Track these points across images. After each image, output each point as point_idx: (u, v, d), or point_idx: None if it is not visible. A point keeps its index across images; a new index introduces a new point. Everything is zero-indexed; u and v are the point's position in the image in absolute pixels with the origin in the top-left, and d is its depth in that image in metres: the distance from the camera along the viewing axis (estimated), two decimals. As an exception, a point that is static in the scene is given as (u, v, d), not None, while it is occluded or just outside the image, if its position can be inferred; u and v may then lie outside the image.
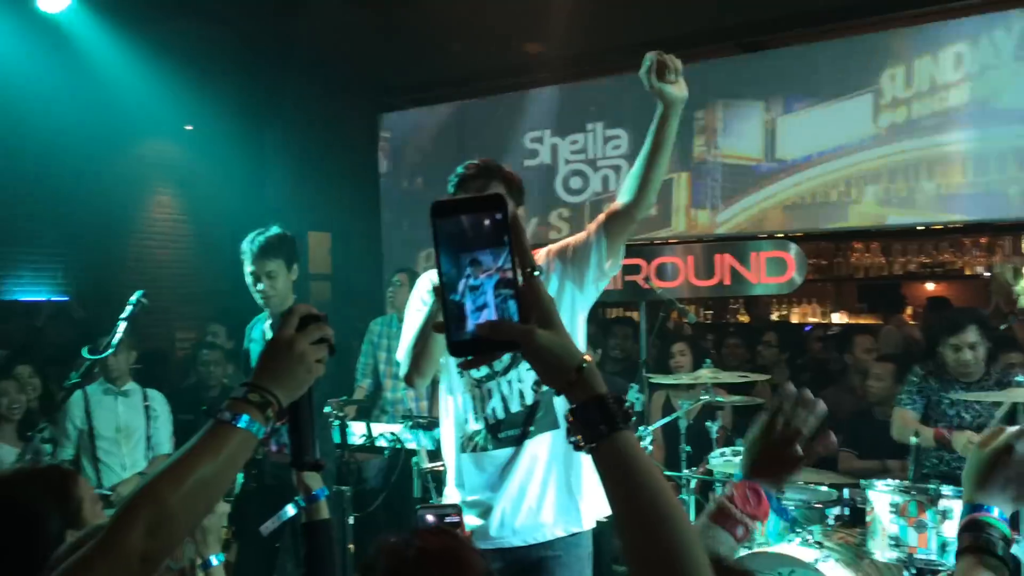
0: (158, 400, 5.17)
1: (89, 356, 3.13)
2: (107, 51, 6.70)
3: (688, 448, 4.59)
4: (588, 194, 7.19)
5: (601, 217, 2.51)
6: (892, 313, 7.78)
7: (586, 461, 2.57)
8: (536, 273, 1.04)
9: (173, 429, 5.31)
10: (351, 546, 4.28)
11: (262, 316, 4.08)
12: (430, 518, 2.02)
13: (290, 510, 2.01)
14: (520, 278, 1.02)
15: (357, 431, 4.75)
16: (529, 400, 2.51)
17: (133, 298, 3.29)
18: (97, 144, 7.32)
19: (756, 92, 6.54)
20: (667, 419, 4.43)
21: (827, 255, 8.26)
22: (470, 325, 1.02)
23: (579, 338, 2.55)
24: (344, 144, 8.24)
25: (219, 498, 1.28)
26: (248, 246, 3.64)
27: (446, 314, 1.02)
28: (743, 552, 3.78)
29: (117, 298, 7.60)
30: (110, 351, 3.14)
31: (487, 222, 1.02)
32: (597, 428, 1.01)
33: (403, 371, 2.49)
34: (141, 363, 5.27)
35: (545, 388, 2.50)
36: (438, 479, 4.62)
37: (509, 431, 2.51)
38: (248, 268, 3.67)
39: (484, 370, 2.52)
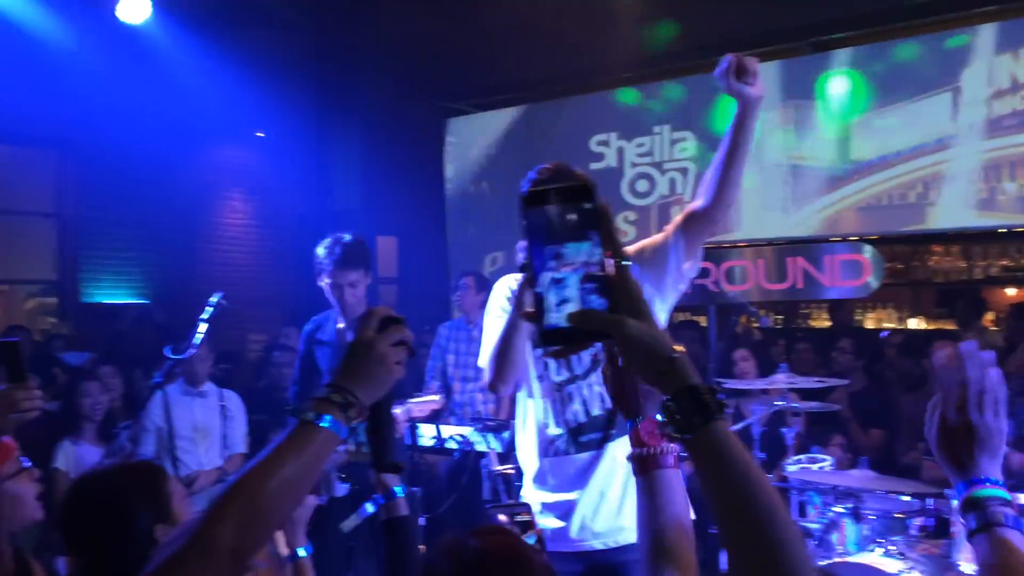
0: (233, 401, 5.27)
1: (172, 356, 3.20)
2: (184, 60, 6.89)
3: (762, 455, 4.52)
4: (655, 197, 7.13)
5: (679, 218, 2.47)
6: (971, 319, 7.54)
7: None
8: (626, 263, 1.02)
9: (248, 429, 5.42)
10: (422, 547, 4.31)
11: (324, 317, 4.07)
12: (502, 517, 2.00)
13: (369, 508, 2.02)
14: (610, 268, 1.01)
15: (426, 433, 4.77)
16: (610, 403, 2.48)
17: (213, 299, 3.36)
18: (173, 150, 7.54)
19: (832, 91, 6.40)
20: (741, 424, 4.35)
21: (903, 258, 8.04)
22: (559, 306, 1.01)
23: None
24: (410, 149, 8.32)
25: (304, 495, 1.31)
26: (327, 257, 3.63)
27: (536, 304, 1.02)
28: (825, 561, 3.70)
29: (191, 301, 7.80)
30: (192, 351, 3.20)
31: (577, 211, 1.01)
32: (691, 419, 0.99)
33: (487, 378, 2.48)
34: (218, 365, 5.38)
35: None
36: (507, 481, 4.61)
37: (590, 435, 2.49)
38: (327, 280, 3.67)
39: (565, 374, 2.51)
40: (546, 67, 7.51)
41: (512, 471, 4.50)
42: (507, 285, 2.61)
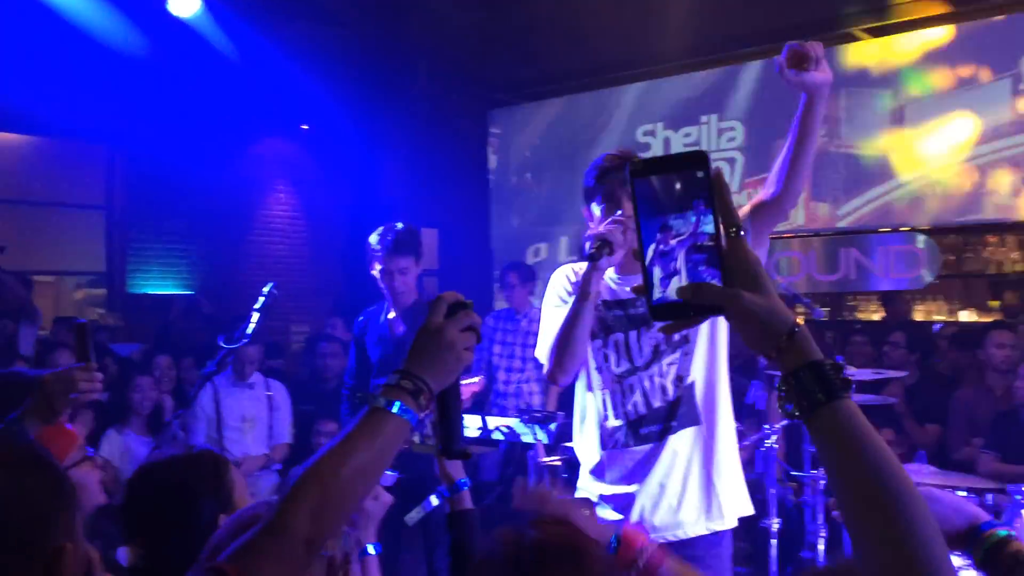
0: (280, 391, 5.31)
1: (226, 345, 3.22)
2: (231, 53, 6.95)
3: (813, 448, 4.44)
4: (702, 188, 7.04)
5: (746, 207, 2.42)
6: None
7: (729, 457, 2.50)
8: (741, 234, 0.98)
9: (293, 420, 5.46)
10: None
11: (375, 309, 4.09)
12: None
13: (434, 500, 2.01)
14: (724, 239, 0.97)
15: (472, 424, 4.77)
16: (671, 395, 2.46)
17: (265, 289, 3.38)
18: (219, 143, 7.61)
19: (883, 78, 6.26)
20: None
21: (954, 249, 7.85)
22: (671, 279, 0.98)
23: (721, 333, 2.47)
24: (454, 141, 8.31)
25: (375, 484, 1.31)
26: (379, 243, 3.69)
27: (647, 275, 0.99)
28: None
29: (237, 292, 7.95)
30: (246, 340, 3.22)
31: (688, 180, 0.97)
32: (814, 396, 0.94)
33: (547, 368, 2.46)
34: (266, 357, 5.43)
35: (688, 382, 2.45)
36: (554, 473, 4.60)
37: (650, 427, 2.46)
38: (378, 266, 3.72)
39: (625, 365, 2.48)
40: (591, 57, 7.44)
41: (559, 463, 4.50)
42: (565, 274, 2.58)
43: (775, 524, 4.00)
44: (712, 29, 6.57)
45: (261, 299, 3.35)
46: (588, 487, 2.55)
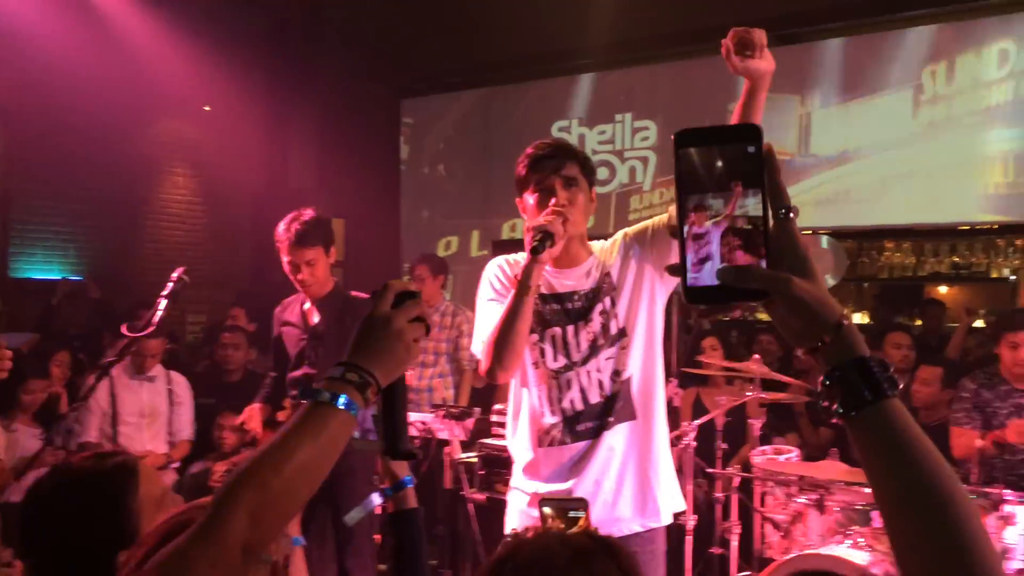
0: (181, 385, 5.06)
1: (129, 334, 3.01)
2: (129, 27, 6.58)
3: (724, 445, 4.50)
4: (615, 185, 7.08)
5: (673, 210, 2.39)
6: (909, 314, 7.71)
7: (663, 453, 2.47)
8: (791, 215, 0.91)
9: (195, 416, 5.20)
10: (377, 537, 4.19)
11: (293, 299, 3.97)
12: (547, 510, 1.88)
13: (376, 499, 1.90)
14: (771, 219, 0.90)
15: (385, 420, 4.64)
16: (608, 391, 2.41)
17: (174, 275, 3.18)
18: (115, 121, 7.21)
19: (792, 85, 6.42)
20: (711, 415, 4.32)
21: (851, 254, 8.14)
22: (711, 259, 0.90)
23: (658, 327, 2.45)
24: (365, 129, 8.11)
25: (319, 483, 1.21)
26: (284, 235, 3.54)
27: (683, 253, 0.92)
28: (792, 555, 3.68)
29: (131, 279, 7.55)
30: (151, 329, 3.01)
31: (736, 155, 0.90)
32: (860, 394, 0.88)
33: (484, 365, 2.37)
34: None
35: (624, 377, 2.41)
36: (470, 470, 4.53)
37: (587, 423, 2.42)
38: (285, 258, 3.58)
39: (562, 360, 2.43)
40: (508, 51, 7.38)
41: (476, 459, 4.42)
42: (499, 266, 2.50)
43: (691, 521, 4.03)
44: (630, 28, 6.60)
45: (170, 285, 3.14)
46: (522, 486, 2.48)
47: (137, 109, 7.37)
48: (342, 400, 1.18)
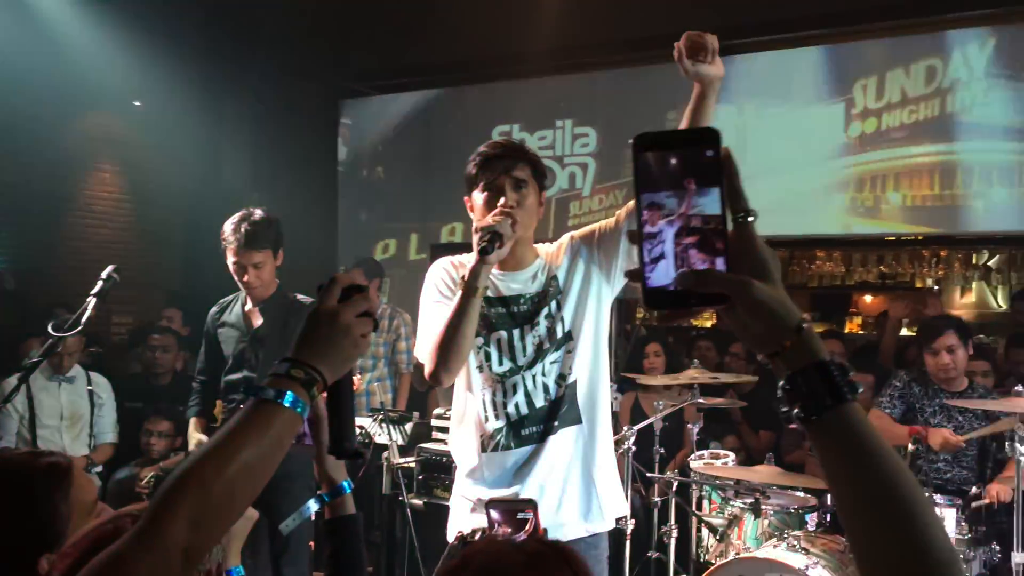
0: (103, 386, 4.89)
1: (55, 333, 2.88)
2: (60, 19, 6.34)
3: (662, 450, 4.53)
4: (554, 191, 7.09)
5: (631, 203, 2.39)
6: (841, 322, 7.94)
7: (608, 457, 2.46)
8: (750, 219, 0.91)
9: (117, 417, 5.03)
10: (311, 543, 4.10)
11: (231, 299, 3.87)
12: (494, 514, 1.84)
13: (312, 506, 1.83)
14: (730, 223, 0.90)
15: (321, 424, 4.55)
16: (553, 395, 2.39)
17: (104, 273, 3.06)
18: (38, 114, 6.93)
19: (728, 96, 6.52)
20: (650, 420, 4.34)
21: (784, 263, 8.34)
22: (669, 263, 0.90)
23: (604, 331, 2.44)
24: (302, 128, 7.97)
25: (263, 485, 1.16)
26: (232, 235, 3.40)
27: (642, 257, 0.91)
28: (730, 557, 3.72)
29: (53, 276, 7.26)
30: (79, 328, 2.89)
31: (695, 159, 0.90)
32: (820, 399, 0.88)
33: (428, 368, 2.32)
34: (87, 348, 4.97)
35: (570, 381, 2.40)
36: (408, 475, 4.47)
37: (532, 427, 2.39)
38: (231, 259, 3.44)
39: (507, 364, 2.40)
40: (449, 54, 7.34)
41: (413, 464, 4.37)
42: (445, 268, 2.45)
43: (629, 526, 4.04)
44: (572, 35, 6.63)
45: (99, 283, 3.02)
46: (465, 491, 2.45)
47: (64, 103, 7.10)
48: (288, 398, 1.14)
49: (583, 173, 7.01)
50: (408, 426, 4.47)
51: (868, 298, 8.61)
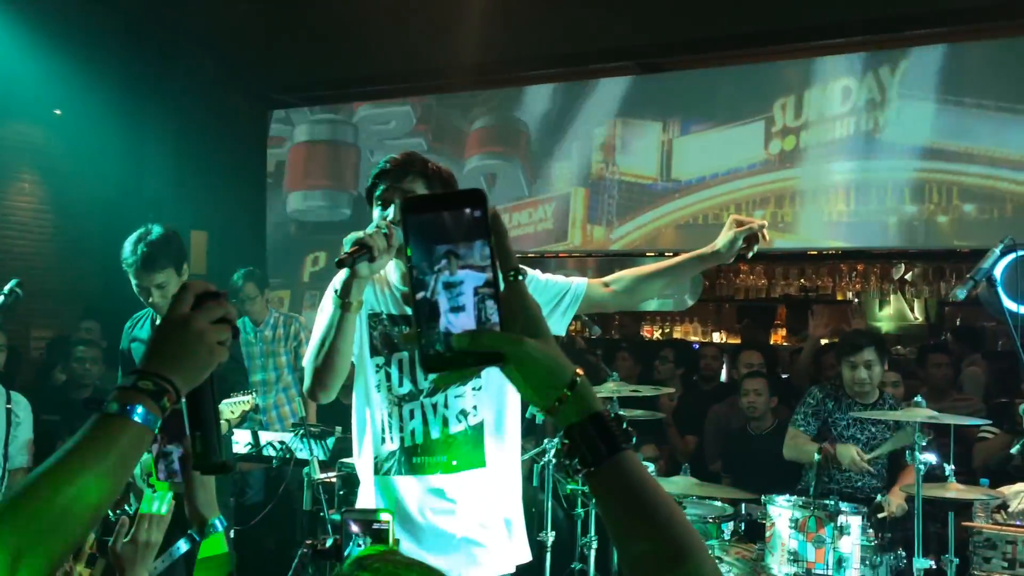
0: (22, 406, 4.69)
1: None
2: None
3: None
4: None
5: (594, 279, 2.43)
6: (765, 334, 8.12)
7: (511, 505, 2.37)
8: (520, 277, 0.94)
9: (34, 436, 4.86)
10: None
11: (143, 313, 3.78)
12: (355, 528, 1.84)
13: (183, 546, 1.79)
14: (501, 283, 0.92)
15: (241, 440, 4.49)
16: (452, 430, 2.31)
17: (6, 288, 2.97)
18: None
19: (655, 112, 6.65)
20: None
21: (709, 275, 8.48)
22: (444, 325, 0.90)
23: None
24: (230, 139, 7.86)
25: (108, 504, 1.08)
26: (130, 257, 3.23)
27: (418, 321, 0.91)
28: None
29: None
30: (-21, 345, 2.80)
31: (463, 220, 0.91)
32: (596, 450, 0.91)
33: (306, 385, 2.25)
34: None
35: (474, 421, 2.32)
36: (329, 491, 4.42)
37: (426, 457, 2.30)
38: (133, 281, 3.32)
39: (408, 387, 2.32)
40: (378, 66, 7.33)
41: (335, 479, 4.32)
42: (340, 279, 2.31)
43: (550, 537, 4.07)
44: (499, 50, 6.68)
45: (2, 297, 2.94)
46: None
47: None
48: (138, 412, 1.07)
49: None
50: (330, 440, 4.43)
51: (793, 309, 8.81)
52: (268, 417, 5.18)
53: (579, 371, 0.94)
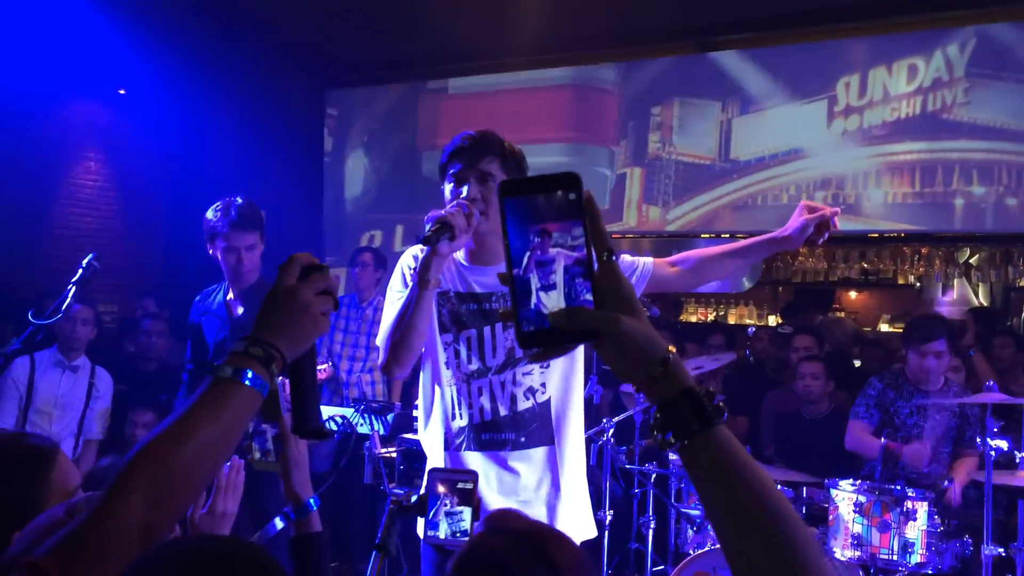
0: (104, 381, 4.85)
1: (35, 320, 2.89)
2: (42, 5, 6.30)
3: (643, 443, 4.59)
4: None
5: (662, 260, 2.43)
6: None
7: (577, 482, 2.37)
8: (613, 258, 0.95)
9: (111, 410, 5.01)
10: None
11: (215, 288, 3.88)
12: (441, 488, 1.86)
13: (278, 523, 1.83)
14: (595, 262, 0.94)
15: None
16: (520, 408, 2.32)
17: (84, 261, 3.07)
18: (22, 102, 6.90)
19: (714, 92, 6.57)
20: (630, 412, 4.39)
21: (766, 259, 8.37)
22: (537, 303, 0.94)
23: (580, 351, 2.37)
24: (288, 118, 7.95)
25: (222, 464, 1.18)
26: (221, 219, 3.43)
27: (514, 298, 0.94)
28: (707, 547, 3.77)
29: (38, 265, 7.23)
30: (59, 316, 2.90)
31: (558, 203, 0.94)
32: (688, 425, 0.93)
33: (381, 360, 2.28)
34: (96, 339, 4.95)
35: (542, 399, 2.33)
36: (390, 465, 4.49)
37: (494, 434, 2.32)
38: (221, 244, 3.47)
39: (476, 364, 2.33)
40: (437, 45, 7.34)
41: (395, 454, 4.39)
42: (414, 256, 2.35)
43: (608, 516, 4.09)
44: (563, 28, 6.63)
45: (79, 271, 3.03)
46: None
47: (45, 90, 7.07)
48: (248, 375, 1.14)
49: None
50: (390, 416, 4.50)
51: (852, 294, 8.68)
52: (351, 393, 5.24)
53: (671, 348, 0.96)
